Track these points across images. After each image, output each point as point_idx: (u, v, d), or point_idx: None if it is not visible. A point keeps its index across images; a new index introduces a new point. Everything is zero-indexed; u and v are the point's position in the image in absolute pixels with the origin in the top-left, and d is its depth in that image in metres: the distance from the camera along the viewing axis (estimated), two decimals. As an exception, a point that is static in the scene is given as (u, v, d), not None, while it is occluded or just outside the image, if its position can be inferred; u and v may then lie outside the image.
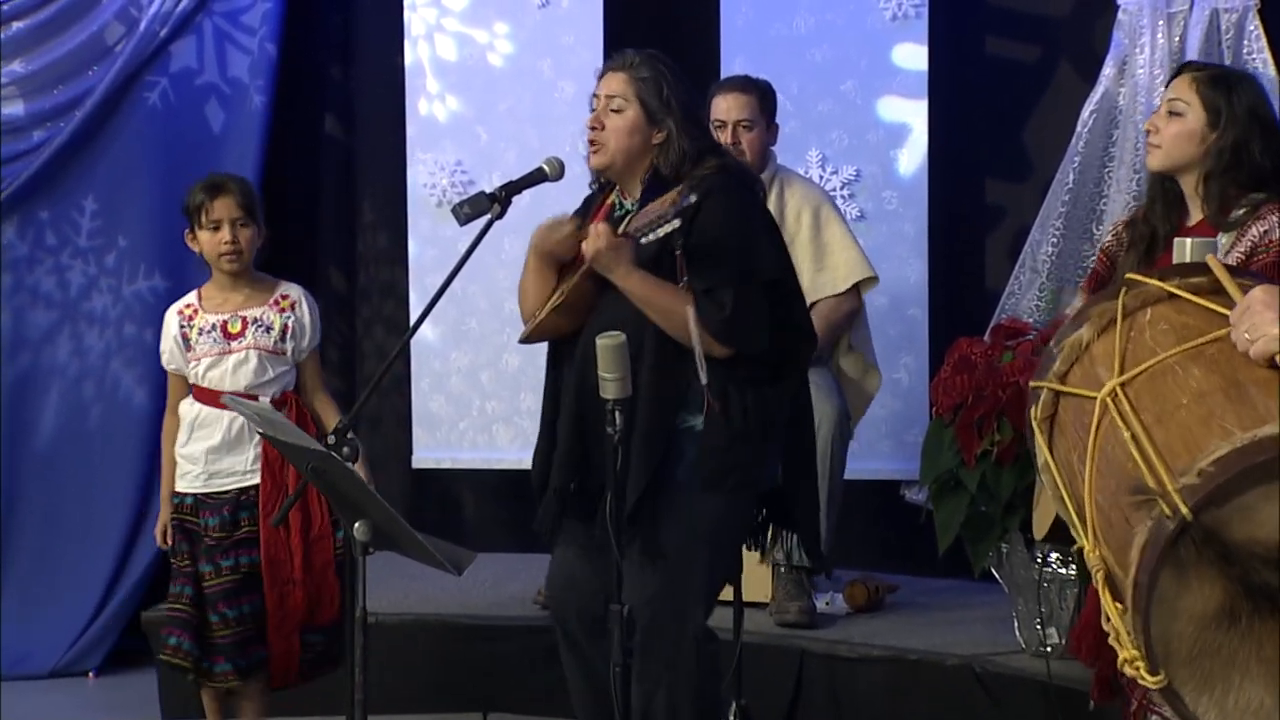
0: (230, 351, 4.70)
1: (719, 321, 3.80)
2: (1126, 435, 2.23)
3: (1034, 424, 2.49)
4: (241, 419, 4.62)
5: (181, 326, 4.78)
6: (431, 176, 6.47)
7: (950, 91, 6.18)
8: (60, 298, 6.50)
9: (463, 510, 6.91)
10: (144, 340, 6.44)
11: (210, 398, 4.70)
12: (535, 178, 4.03)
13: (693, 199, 3.72)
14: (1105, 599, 2.25)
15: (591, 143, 3.99)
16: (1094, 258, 4.18)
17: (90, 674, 6.29)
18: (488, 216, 3.89)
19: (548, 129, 6.27)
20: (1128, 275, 2.49)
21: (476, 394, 6.47)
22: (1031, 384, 2.52)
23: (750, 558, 4.42)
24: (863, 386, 5.58)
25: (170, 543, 4.77)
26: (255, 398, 4.64)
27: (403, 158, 6.51)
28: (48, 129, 6.41)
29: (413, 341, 5.94)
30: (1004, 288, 5.80)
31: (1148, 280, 2.44)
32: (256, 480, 4.64)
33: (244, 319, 4.72)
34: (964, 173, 6.28)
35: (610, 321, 3.80)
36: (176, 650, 4.67)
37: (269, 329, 4.71)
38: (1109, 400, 2.31)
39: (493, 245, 3.99)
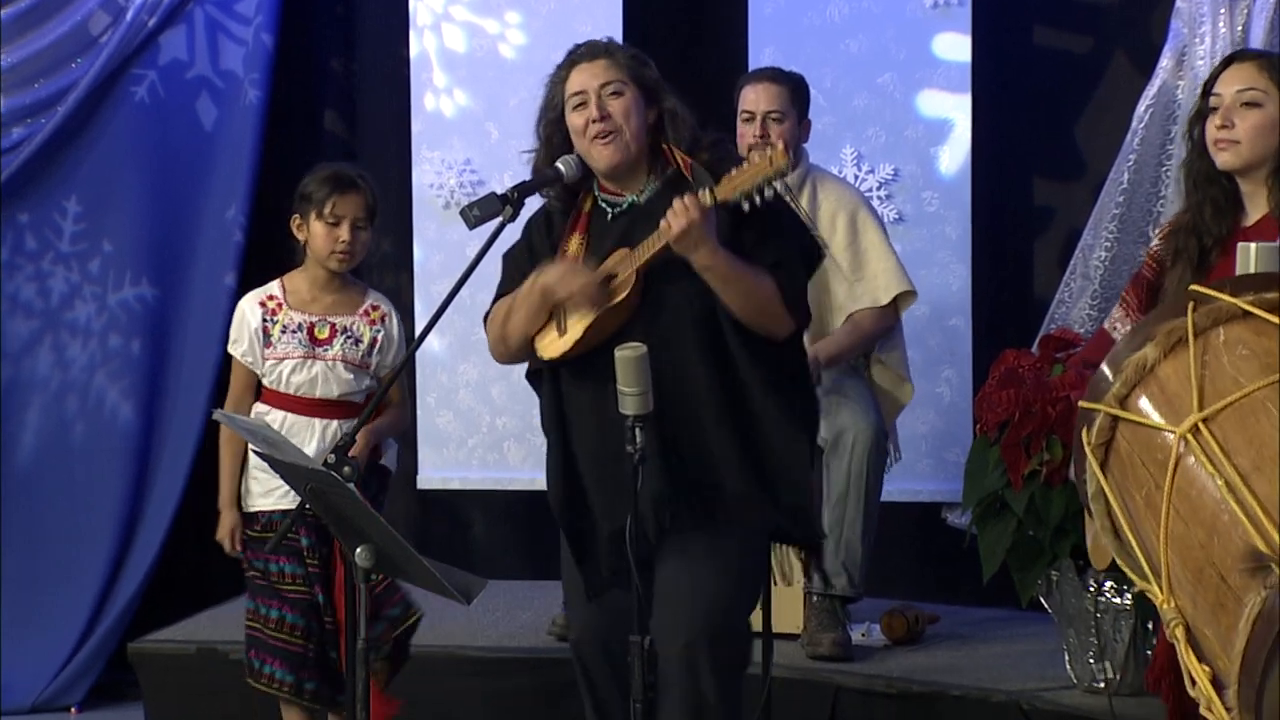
0: (315, 357, 4.72)
1: (794, 293, 3.86)
2: (1220, 483, 2.16)
3: (1087, 449, 2.43)
4: (335, 423, 4.67)
5: (264, 320, 4.78)
6: (438, 176, 6.49)
7: (995, 85, 6.18)
8: (41, 306, 6.52)
9: (472, 534, 6.92)
10: (130, 352, 6.46)
11: (299, 405, 4.72)
12: (550, 178, 4.02)
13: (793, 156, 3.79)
14: (1190, 660, 2.20)
15: (601, 135, 3.93)
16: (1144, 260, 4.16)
17: (73, 709, 6.30)
18: (499, 219, 3.89)
19: (563, 125, 6.27)
20: (1193, 288, 2.39)
21: (486, 409, 6.48)
22: (1083, 404, 2.45)
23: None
24: (895, 397, 5.58)
25: (239, 548, 4.76)
26: (347, 405, 4.70)
27: (408, 156, 6.53)
28: (28, 125, 6.43)
29: (418, 354, 5.96)
30: (1053, 295, 5.80)
31: (1218, 295, 2.34)
32: None
33: (332, 325, 4.75)
34: (1010, 172, 6.27)
35: (657, 330, 3.81)
36: (271, 680, 4.71)
37: (358, 341, 4.75)
38: (1190, 437, 2.24)
39: (503, 250, 3.99)
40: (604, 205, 4.01)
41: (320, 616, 4.71)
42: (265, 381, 4.76)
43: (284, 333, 4.75)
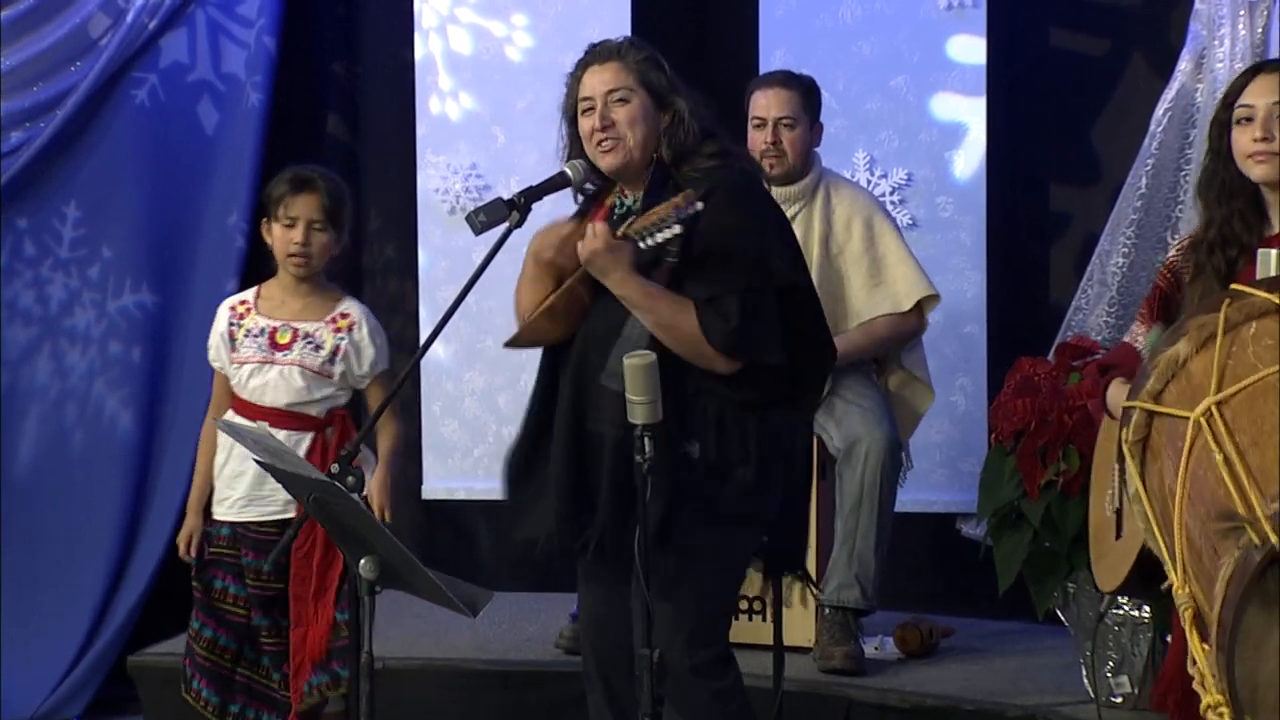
0: (274, 363, 4.71)
1: (724, 333, 3.80)
2: (1219, 458, 2.22)
3: (1125, 448, 2.47)
4: (282, 434, 4.65)
5: (230, 324, 4.79)
6: (444, 181, 6.49)
7: (1010, 87, 6.18)
8: (40, 313, 6.53)
9: (477, 545, 6.91)
10: (130, 359, 6.46)
11: (253, 412, 4.71)
12: (557, 183, 4.02)
13: (699, 206, 3.73)
14: (1192, 640, 2.24)
15: (604, 142, 3.96)
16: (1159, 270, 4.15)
17: (72, 723, 6.32)
18: (505, 225, 3.89)
19: (570, 129, 6.27)
20: (1233, 286, 2.46)
21: (493, 418, 6.48)
22: (1125, 403, 2.50)
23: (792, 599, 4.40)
24: (912, 405, 5.57)
25: (194, 554, 4.78)
26: (299, 416, 4.68)
27: (412, 161, 6.53)
28: (26, 130, 6.43)
29: (423, 362, 5.95)
30: (1070, 302, 5.79)
31: (1254, 291, 2.41)
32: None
33: (295, 330, 4.73)
34: (1026, 177, 6.27)
35: (602, 329, 3.86)
36: (198, 696, 4.73)
37: (319, 347, 4.72)
38: (1203, 420, 2.29)
39: (510, 257, 3.98)
40: (617, 201, 4.05)
41: (255, 639, 4.71)
42: (232, 386, 4.77)
43: (247, 337, 4.75)
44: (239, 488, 4.72)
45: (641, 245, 3.80)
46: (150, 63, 6.48)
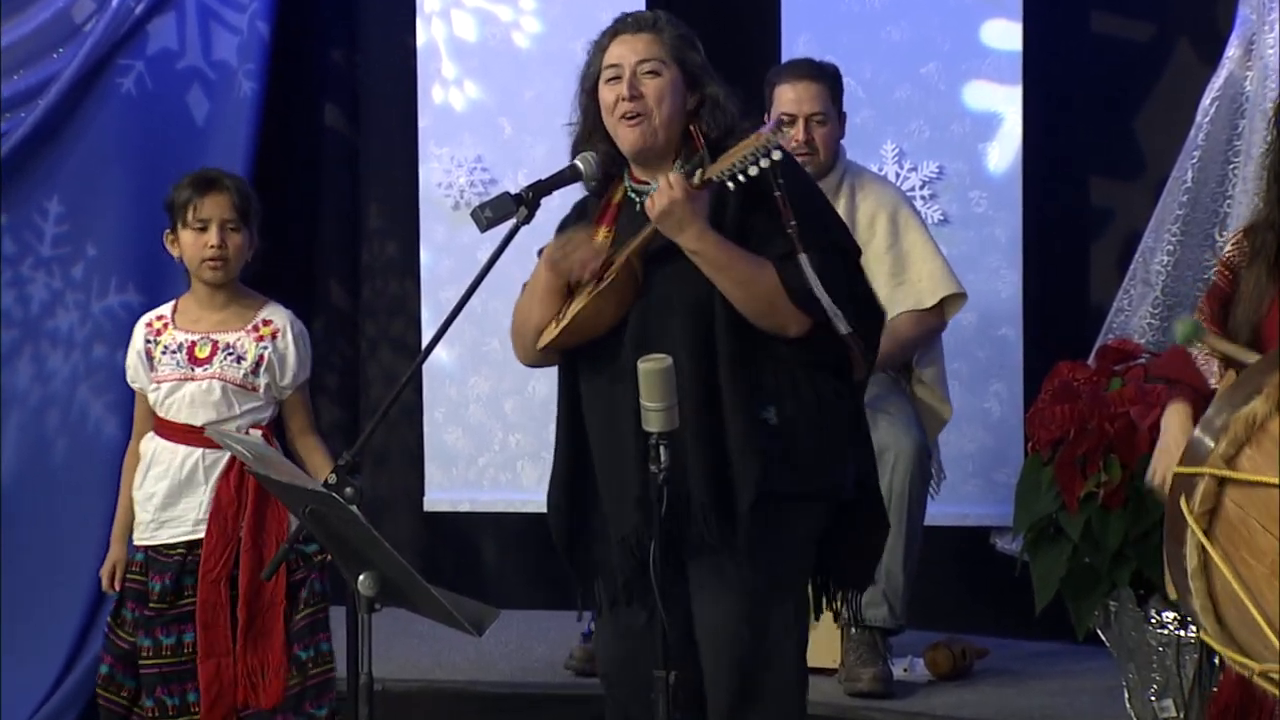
0: (192, 378, 4.66)
1: (803, 291, 3.78)
2: None
3: (1189, 518, 2.40)
4: (198, 453, 4.63)
5: (147, 341, 4.76)
6: (447, 175, 6.49)
7: (1048, 76, 6.18)
8: (20, 315, 6.53)
9: (483, 560, 6.92)
10: (115, 363, 6.45)
11: (168, 430, 4.68)
12: (566, 177, 4.02)
13: (788, 133, 3.72)
14: None
15: (629, 116, 3.93)
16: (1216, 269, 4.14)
17: (51, 752, 6.32)
18: (512, 221, 3.89)
19: (581, 120, 6.27)
20: None
21: (498, 426, 6.48)
22: (1179, 470, 2.44)
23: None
24: (938, 412, 5.57)
25: (118, 588, 4.75)
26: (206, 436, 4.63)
27: (414, 153, 6.53)
28: (7, 120, 6.44)
29: (425, 366, 5.96)
30: (1111, 303, 5.79)
31: None
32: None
33: (214, 343, 4.68)
34: (1064, 170, 6.27)
35: (664, 306, 3.82)
36: None
37: (240, 358, 4.67)
38: None
39: (517, 255, 3.98)
40: (633, 195, 4.02)
41: (133, 662, 4.65)
42: (151, 405, 4.74)
43: (164, 354, 4.72)
44: (149, 510, 4.70)
45: (732, 185, 3.76)
46: (137, 49, 6.49)
